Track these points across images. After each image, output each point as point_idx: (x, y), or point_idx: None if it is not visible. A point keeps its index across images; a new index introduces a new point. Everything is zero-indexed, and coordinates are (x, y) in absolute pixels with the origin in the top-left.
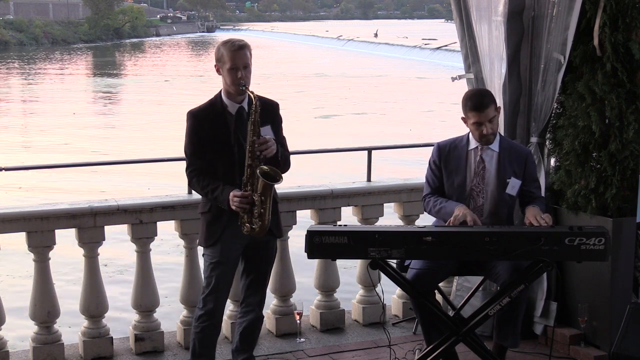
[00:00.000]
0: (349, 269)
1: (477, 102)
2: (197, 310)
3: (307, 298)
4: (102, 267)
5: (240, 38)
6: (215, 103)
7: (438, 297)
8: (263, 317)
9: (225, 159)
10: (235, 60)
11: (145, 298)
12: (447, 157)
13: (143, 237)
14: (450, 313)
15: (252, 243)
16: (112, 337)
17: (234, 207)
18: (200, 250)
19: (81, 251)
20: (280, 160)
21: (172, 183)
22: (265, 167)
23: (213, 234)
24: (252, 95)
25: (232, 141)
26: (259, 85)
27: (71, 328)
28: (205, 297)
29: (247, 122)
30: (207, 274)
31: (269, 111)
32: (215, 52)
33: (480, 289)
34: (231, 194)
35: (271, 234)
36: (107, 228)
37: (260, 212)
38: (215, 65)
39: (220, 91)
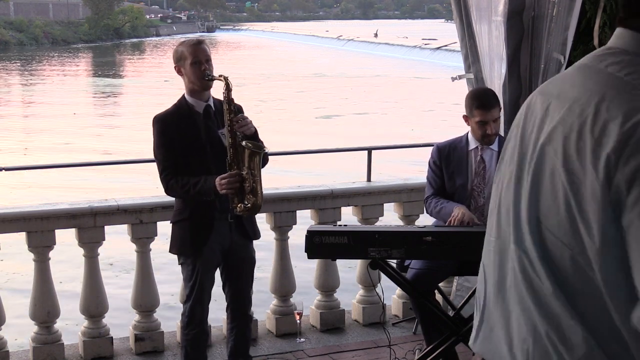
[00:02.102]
0: (353, 268)
1: (484, 100)
2: (183, 318)
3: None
4: (108, 266)
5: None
6: (180, 105)
7: (438, 297)
8: (251, 316)
9: (199, 158)
10: (197, 54)
11: (145, 298)
12: (447, 158)
13: (143, 237)
14: (450, 313)
15: (231, 249)
16: (112, 337)
17: (223, 191)
18: None
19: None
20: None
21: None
22: (248, 142)
23: (195, 242)
24: (221, 78)
25: (204, 140)
26: (259, 85)
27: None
28: (191, 305)
29: (215, 120)
30: (190, 282)
31: (235, 114)
32: (174, 55)
33: None
34: (217, 179)
35: (248, 239)
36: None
37: (253, 186)
38: (175, 67)
39: (184, 94)
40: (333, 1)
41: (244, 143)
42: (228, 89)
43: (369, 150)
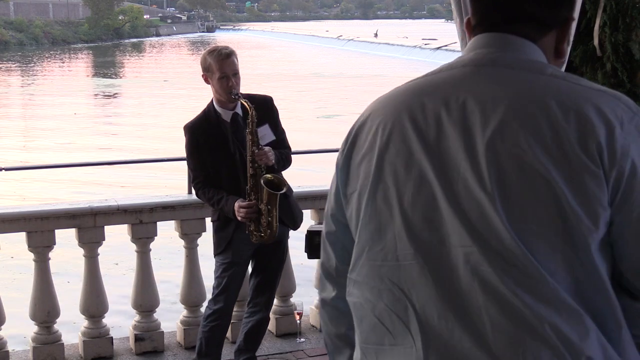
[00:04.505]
0: None
1: None
2: (206, 309)
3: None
4: (113, 265)
5: (226, 45)
6: (208, 113)
7: None
8: (269, 318)
9: (228, 166)
10: (224, 69)
11: (145, 298)
12: None
13: (143, 237)
14: None
15: (263, 244)
16: (112, 337)
17: (240, 218)
18: (200, 250)
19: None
20: (280, 162)
21: (173, 183)
22: (268, 176)
23: (223, 241)
24: (246, 105)
25: (232, 149)
26: (260, 85)
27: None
28: (215, 297)
29: (243, 127)
30: (218, 275)
31: (263, 108)
32: (202, 62)
33: None
34: (236, 204)
35: (285, 226)
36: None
37: (268, 221)
38: (202, 75)
39: (212, 100)
40: (333, 1)
41: (262, 181)
42: (252, 120)
43: None
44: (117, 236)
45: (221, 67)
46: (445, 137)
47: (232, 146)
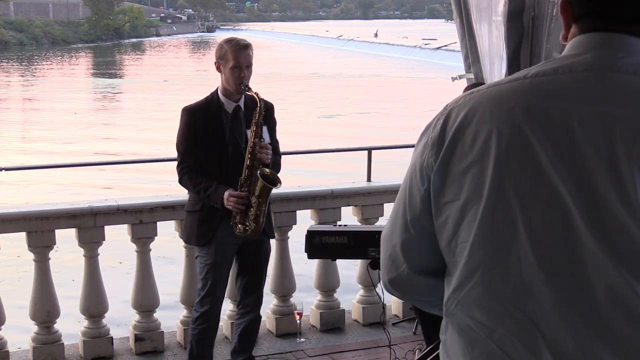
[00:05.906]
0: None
1: None
2: (193, 312)
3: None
4: (117, 264)
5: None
6: (211, 100)
7: None
8: (261, 317)
9: (220, 158)
10: (239, 59)
11: (145, 298)
12: None
13: (143, 237)
14: None
15: (246, 243)
16: (112, 337)
17: (229, 207)
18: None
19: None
20: (274, 166)
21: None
22: (266, 170)
23: (207, 233)
24: (257, 97)
25: (227, 140)
26: (260, 85)
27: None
28: (201, 299)
29: (242, 121)
30: (203, 276)
31: (266, 113)
32: (217, 50)
33: None
34: (226, 193)
35: (264, 234)
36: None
37: (256, 214)
38: (215, 63)
39: (217, 89)
40: (333, 1)
41: (259, 173)
42: (260, 112)
43: (369, 150)
44: (121, 235)
45: (237, 56)
46: (580, 154)
47: (228, 137)
